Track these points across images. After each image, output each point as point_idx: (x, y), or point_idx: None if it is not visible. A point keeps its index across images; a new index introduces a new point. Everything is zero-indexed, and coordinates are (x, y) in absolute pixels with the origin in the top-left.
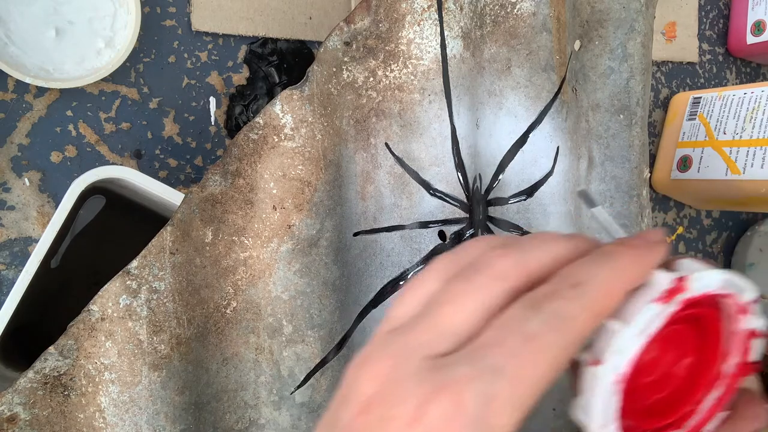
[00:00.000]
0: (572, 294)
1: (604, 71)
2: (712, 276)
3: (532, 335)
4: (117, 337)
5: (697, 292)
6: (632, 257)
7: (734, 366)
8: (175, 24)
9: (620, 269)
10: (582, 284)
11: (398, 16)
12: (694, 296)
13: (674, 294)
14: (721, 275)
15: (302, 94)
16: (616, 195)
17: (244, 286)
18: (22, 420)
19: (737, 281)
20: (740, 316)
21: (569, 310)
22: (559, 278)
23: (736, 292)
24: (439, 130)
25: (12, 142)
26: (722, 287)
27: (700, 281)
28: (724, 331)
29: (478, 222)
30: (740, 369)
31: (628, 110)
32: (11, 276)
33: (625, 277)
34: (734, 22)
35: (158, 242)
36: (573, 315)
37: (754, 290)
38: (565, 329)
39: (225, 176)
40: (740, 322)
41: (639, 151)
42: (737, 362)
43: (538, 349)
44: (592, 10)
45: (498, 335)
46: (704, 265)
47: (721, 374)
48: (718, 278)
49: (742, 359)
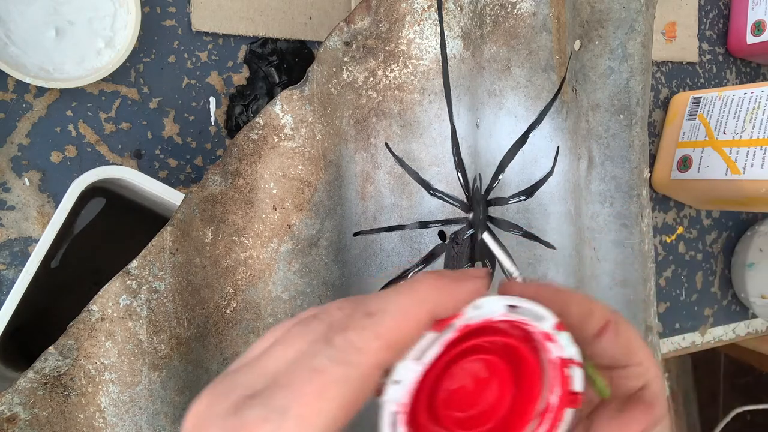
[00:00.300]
0: (365, 323)
1: (604, 71)
2: (492, 303)
3: (318, 371)
4: (117, 337)
5: (477, 319)
6: (433, 287)
7: (558, 397)
8: (175, 24)
9: (418, 298)
10: (376, 313)
11: (398, 16)
12: (474, 323)
13: (447, 321)
14: (502, 301)
15: (302, 94)
16: (616, 195)
17: (244, 286)
18: (22, 420)
19: (533, 308)
20: (548, 343)
21: (359, 341)
22: (356, 306)
23: (531, 320)
24: (439, 130)
25: (12, 142)
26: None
27: (480, 308)
28: (542, 363)
29: (478, 222)
30: (564, 400)
31: (628, 110)
32: (11, 276)
33: (422, 306)
34: (734, 22)
35: (158, 242)
36: (362, 346)
37: (552, 316)
38: (353, 362)
39: (225, 176)
40: (550, 351)
41: (639, 151)
42: (560, 393)
43: (322, 386)
44: (592, 10)
45: (289, 374)
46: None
47: (549, 406)
48: (499, 304)
49: (563, 389)
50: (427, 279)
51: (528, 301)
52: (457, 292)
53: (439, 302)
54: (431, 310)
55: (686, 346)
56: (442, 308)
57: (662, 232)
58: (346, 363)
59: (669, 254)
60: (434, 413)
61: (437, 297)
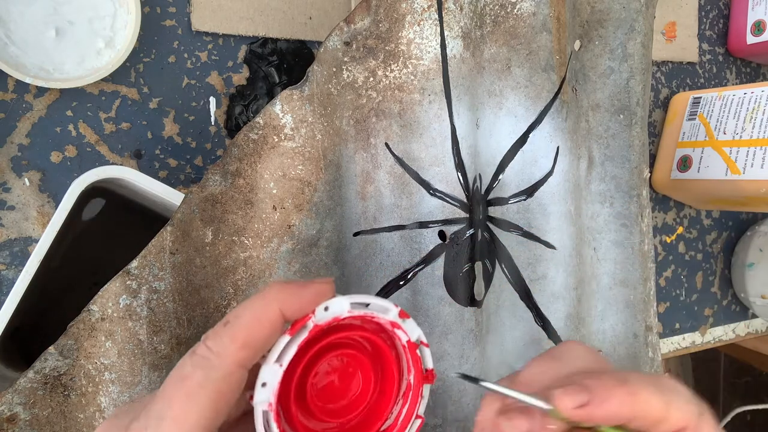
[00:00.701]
0: (221, 331)
1: (604, 71)
2: (339, 303)
3: (184, 377)
4: (117, 337)
5: (326, 319)
6: (280, 291)
7: (414, 377)
8: (175, 24)
9: (266, 301)
10: (230, 320)
11: (398, 16)
12: (324, 322)
13: (299, 324)
14: (347, 300)
15: (302, 94)
16: (616, 195)
17: (244, 286)
18: (22, 420)
19: (378, 303)
20: (397, 331)
21: (217, 346)
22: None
23: (378, 313)
24: (439, 130)
25: (12, 142)
26: (354, 311)
27: (329, 309)
28: (397, 349)
29: (478, 222)
30: (419, 378)
31: (628, 110)
32: (11, 276)
33: (270, 307)
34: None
35: (158, 242)
36: (220, 349)
37: (395, 307)
38: (214, 364)
39: (225, 176)
40: (400, 337)
41: (639, 151)
42: (415, 373)
43: (189, 389)
44: (592, 10)
45: (163, 388)
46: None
47: (409, 385)
48: (344, 303)
49: (417, 369)
50: (275, 284)
51: (372, 297)
52: (303, 295)
53: (286, 304)
54: (280, 311)
55: (686, 346)
56: (291, 310)
57: (662, 232)
58: (207, 367)
59: (669, 254)
60: (306, 407)
61: (284, 299)
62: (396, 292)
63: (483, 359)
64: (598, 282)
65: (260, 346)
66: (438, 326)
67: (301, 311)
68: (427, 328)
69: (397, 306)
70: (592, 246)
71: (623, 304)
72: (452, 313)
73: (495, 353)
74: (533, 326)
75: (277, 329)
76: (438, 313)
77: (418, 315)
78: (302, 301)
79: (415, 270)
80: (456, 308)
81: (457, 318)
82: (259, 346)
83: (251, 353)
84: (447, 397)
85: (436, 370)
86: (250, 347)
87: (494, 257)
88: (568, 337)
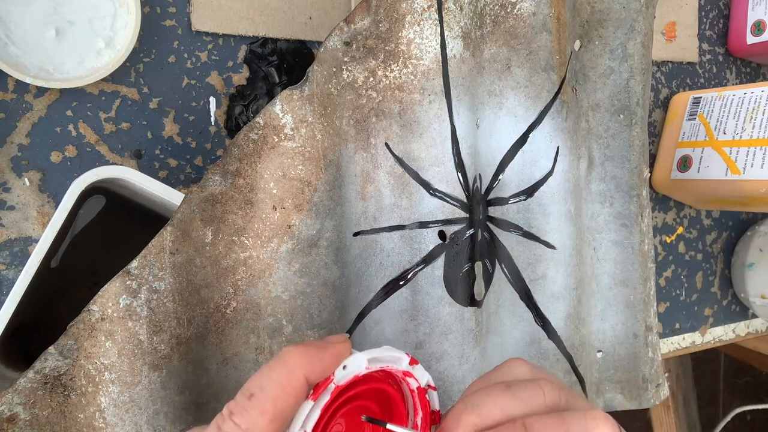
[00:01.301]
0: (248, 405)
1: (604, 71)
2: (356, 360)
3: None
4: (117, 337)
5: (345, 379)
6: (302, 356)
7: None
8: (175, 24)
9: (289, 369)
10: (255, 393)
11: (398, 16)
12: (345, 382)
13: (321, 388)
14: (364, 357)
15: (302, 94)
16: (616, 195)
17: (244, 286)
18: (22, 420)
19: (390, 354)
20: (408, 378)
21: (245, 422)
22: (240, 392)
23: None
24: (439, 130)
25: (12, 142)
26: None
27: (347, 368)
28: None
29: (478, 222)
30: (427, 419)
31: (628, 110)
32: (11, 276)
33: (295, 375)
34: (734, 22)
35: (158, 242)
36: (249, 426)
37: (406, 356)
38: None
39: (225, 176)
40: (410, 384)
41: (639, 151)
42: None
43: None
44: (592, 10)
45: None
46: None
47: (417, 427)
48: (362, 360)
49: (425, 411)
50: (295, 350)
51: (384, 350)
52: (324, 358)
53: (310, 369)
54: (304, 377)
55: (686, 346)
56: (314, 374)
57: (662, 232)
58: None
59: (669, 254)
60: None
61: (307, 365)
62: (396, 292)
63: (483, 359)
64: (598, 282)
65: (288, 417)
66: (438, 326)
67: (323, 374)
68: (427, 328)
69: (408, 354)
70: (592, 246)
71: (623, 304)
72: (452, 313)
73: (495, 353)
74: (533, 326)
75: (302, 396)
76: (438, 313)
77: (418, 315)
78: (324, 364)
79: (415, 270)
80: (456, 308)
81: (457, 318)
82: (287, 417)
83: (280, 425)
84: (447, 397)
85: (437, 370)
86: (279, 419)
87: (494, 257)
88: (568, 337)
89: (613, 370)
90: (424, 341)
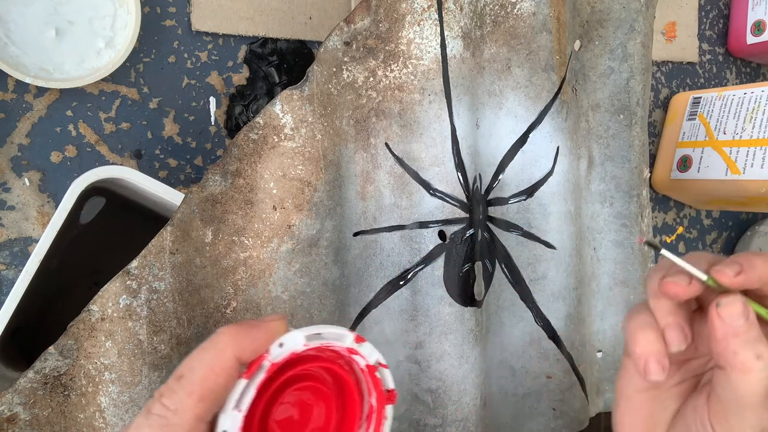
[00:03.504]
0: (177, 386)
1: (604, 71)
2: (293, 337)
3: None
4: (117, 337)
5: (281, 356)
6: (231, 335)
7: (376, 399)
8: (175, 24)
9: (218, 349)
10: (185, 375)
11: (398, 16)
12: (281, 359)
13: (254, 365)
14: (301, 333)
15: (302, 94)
16: (616, 195)
17: (244, 286)
18: (22, 420)
19: (333, 331)
20: (355, 356)
21: (174, 403)
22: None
23: (334, 342)
24: (439, 130)
25: (12, 142)
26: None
27: (285, 345)
28: (356, 374)
29: (478, 222)
30: (381, 399)
31: (628, 110)
32: (11, 276)
33: (224, 354)
34: (734, 22)
35: (158, 242)
36: (177, 406)
37: (351, 333)
38: (172, 422)
39: (225, 176)
40: (358, 362)
41: (639, 151)
42: (376, 395)
43: None
44: (592, 10)
45: None
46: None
47: (372, 408)
48: (299, 337)
49: (378, 391)
50: (225, 330)
51: (327, 327)
52: (256, 336)
53: (240, 348)
54: (234, 356)
55: None
56: (246, 353)
57: (662, 232)
58: (166, 426)
59: None
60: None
61: (238, 344)
62: (396, 292)
63: (483, 359)
64: (598, 282)
65: (218, 396)
66: (438, 326)
67: (256, 352)
68: (427, 328)
69: (352, 332)
70: (592, 246)
71: (623, 304)
72: (452, 313)
73: (495, 353)
74: (533, 326)
75: (234, 375)
76: (438, 313)
77: (418, 315)
78: (256, 343)
79: (415, 270)
80: (456, 308)
81: (457, 318)
82: (217, 397)
83: (210, 405)
84: (447, 397)
85: (437, 370)
86: (208, 399)
87: (494, 257)
88: (568, 337)
89: (613, 370)
90: (424, 341)
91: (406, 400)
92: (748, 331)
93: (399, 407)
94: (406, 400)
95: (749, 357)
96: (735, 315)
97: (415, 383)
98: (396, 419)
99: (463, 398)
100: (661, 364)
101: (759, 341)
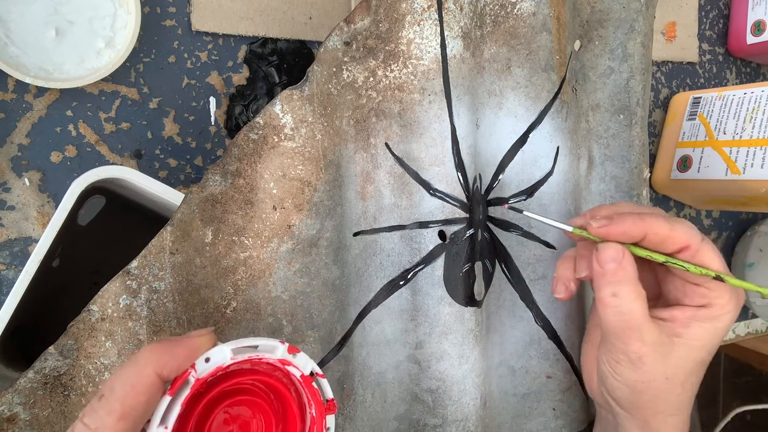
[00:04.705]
0: (98, 406)
1: (604, 71)
2: (220, 351)
3: None
4: (117, 337)
5: (207, 371)
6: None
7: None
8: (175, 24)
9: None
10: (105, 394)
11: (398, 16)
12: (206, 375)
13: (178, 382)
14: (228, 347)
15: (302, 94)
16: (616, 195)
17: (244, 286)
18: (22, 420)
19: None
20: (289, 368)
21: (94, 422)
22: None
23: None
24: (439, 130)
25: (12, 142)
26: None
27: (211, 359)
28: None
29: (478, 222)
30: (321, 410)
31: (628, 110)
32: (11, 276)
33: (144, 371)
34: (734, 22)
35: (158, 242)
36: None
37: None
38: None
39: (225, 176)
40: (294, 373)
41: (639, 151)
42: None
43: None
44: (592, 10)
45: None
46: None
47: (314, 419)
48: (226, 351)
49: (317, 401)
50: (147, 347)
51: (259, 339)
52: (177, 353)
53: (160, 365)
54: (155, 373)
55: None
56: (168, 369)
57: None
58: None
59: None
60: None
61: (157, 361)
62: (396, 292)
63: (483, 359)
64: None
65: (140, 414)
66: (438, 326)
67: (180, 368)
68: (427, 328)
69: (284, 342)
70: None
71: None
72: (452, 313)
73: (495, 353)
74: (533, 326)
75: (156, 393)
76: (438, 313)
77: (418, 315)
78: (178, 360)
79: (415, 270)
80: (456, 308)
81: (457, 318)
82: (138, 414)
83: (132, 423)
84: (447, 397)
85: (437, 370)
86: (130, 417)
87: (494, 257)
88: (568, 337)
89: None
90: (424, 341)
91: (406, 400)
92: (615, 273)
93: (399, 407)
94: (406, 400)
95: (607, 294)
96: (604, 259)
97: (415, 383)
98: (396, 419)
99: (463, 398)
100: (566, 286)
101: (622, 283)
